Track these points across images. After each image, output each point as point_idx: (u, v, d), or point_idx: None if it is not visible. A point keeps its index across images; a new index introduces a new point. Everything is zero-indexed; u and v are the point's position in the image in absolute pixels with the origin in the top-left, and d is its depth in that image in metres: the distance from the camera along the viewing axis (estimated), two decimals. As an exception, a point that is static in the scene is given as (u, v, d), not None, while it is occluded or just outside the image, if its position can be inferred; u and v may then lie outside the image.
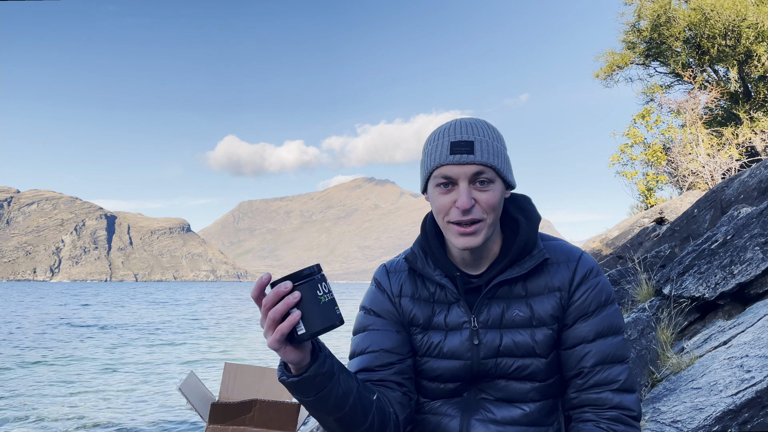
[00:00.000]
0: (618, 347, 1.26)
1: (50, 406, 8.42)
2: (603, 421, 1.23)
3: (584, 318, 1.27)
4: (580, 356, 1.26)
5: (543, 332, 1.26)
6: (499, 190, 1.23)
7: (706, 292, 3.71)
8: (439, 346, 1.30)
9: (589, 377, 1.25)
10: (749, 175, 5.53)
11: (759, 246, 3.64)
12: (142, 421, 7.56)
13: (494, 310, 1.28)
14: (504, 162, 1.24)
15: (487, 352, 1.28)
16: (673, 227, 6.17)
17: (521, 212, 1.32)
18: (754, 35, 12.87)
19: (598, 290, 1.28)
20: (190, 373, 1.73)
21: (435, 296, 1.32)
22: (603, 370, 1.25)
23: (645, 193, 13.52)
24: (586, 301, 1.26)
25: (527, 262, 1.26)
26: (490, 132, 1.24)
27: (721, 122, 13.70)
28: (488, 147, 1.21)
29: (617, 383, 1.24)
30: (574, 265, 1.28)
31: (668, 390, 2.85)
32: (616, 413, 1.23)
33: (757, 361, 2.44)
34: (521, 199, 1.35)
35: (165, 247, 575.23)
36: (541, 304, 1.27)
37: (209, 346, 16.95)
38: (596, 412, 1.24)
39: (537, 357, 1.27)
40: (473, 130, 1.22)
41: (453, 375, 1.30)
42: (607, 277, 1.34)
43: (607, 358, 1.25)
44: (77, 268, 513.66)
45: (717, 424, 2.16)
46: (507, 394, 1.29)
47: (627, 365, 1.27)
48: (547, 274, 1.28)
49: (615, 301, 1.30)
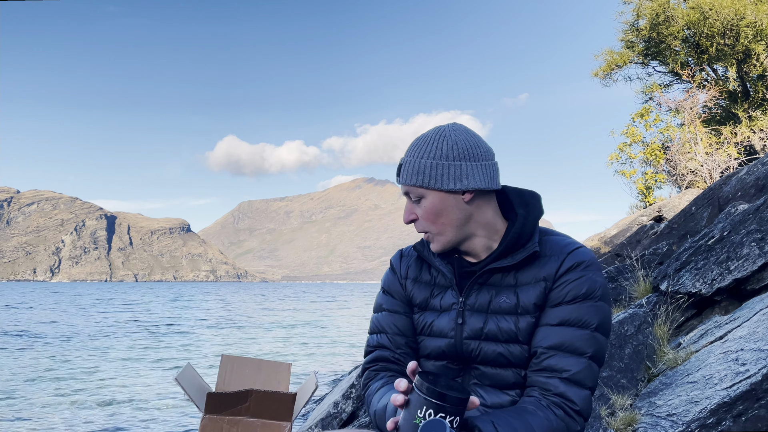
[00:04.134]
0: (579, 339, 1.26)
1: (38, 393, 8.44)
2: (545, 401, 1.25)
3: (558, 305, 1.29)
4: (541, 337, 1.29)
5: (527, 320, 1.31)
6: (431, 203, 1.33)
7: (702, 288, 3.73)
8: (431, 325, 1.41)
9: (542, 359, 1.28)
10: (747, 172, 5.54)
11: (755, 242, 3.66)
12: (138, 413, 7.57)
13: (483, 295, 1.35)
14: (432, 175, 1.31)
15: (470, 332, 1.35)
16: (671, 225, 6.19)
17: (525, 207, 1.37)
18: (753, 34, 12.89)
19: (580, 282, 1.29)
20: (186, 365, 1.74)
21: (435, 280, 1.43)
22: (556, 356, 1.26)
23: (644, 192, 13.54)
24: (564, 289, 1.29)
25: (518, 254, 1.33)
26: (425, 147, 1.33)
27: (720, 121, 13.73)
28: (412, 167, 1.33)
29: (567, 373, 1.25)
30: (563, 257, 1.32)
31: (664, 384, 2.87)
32: (559, 400, 1.25)
33: (752, 355, 2.45)
34: (528, 194, 1.40)
35: (165, 248, 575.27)
36: (527, 293, 1.31)
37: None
38: (542, 393, 1.27)
39: (520, 344, 1.31)
40: (409, 150, 1.35)
41: (439, 353, 1.39)
42: (603, 276, 1.33)
43: (563, 345, 1.26)
44: (77, 269, 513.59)
45: (712, 416, 2.17)
46: (495, 381, 1.34)
47: (586, 360, 1.26)
48: (538, 266, 1.33)
49: (600, 298, 1.29)
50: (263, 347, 16.44)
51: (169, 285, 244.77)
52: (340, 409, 4.93)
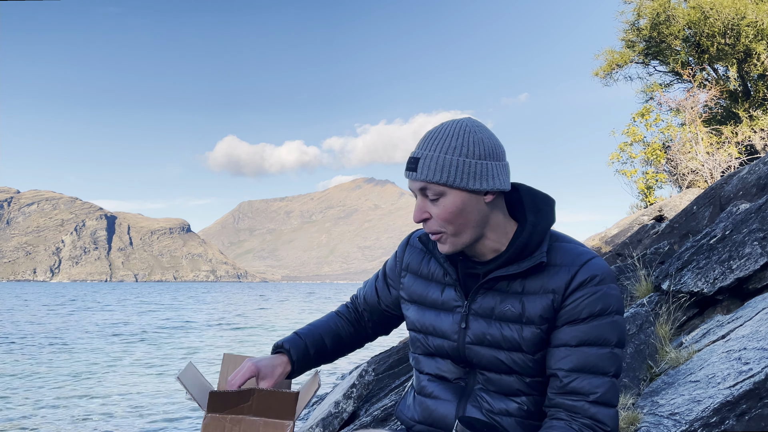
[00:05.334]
0: (601, 358, 1.24)
1: (41, 391, 8.44)
2: (576, 423, 1.23)
3: (573, 323, 1.26)
4: (559, 358, 1.26)
5: (531, 330, 1.27)
6: (453, 203, 1.25)
7: (704, 287, 3.72)
8: (432, 324, 1.39)
9: (566, 382, 1.24)
10: (748, 171, 5.53)
11: (757, 241, 3.65)
12: (142, 411, 7.57)
13: (488, 300, 1.32)
14: (458, 173, 1.24)
15: (472, 338, 1.32)
16: (672, 224, 6.18)
17: (536, 212, 1.32)
18: (754, 33, 12.88)
19: (595, 298, 1.24)
20: (188, 363, 1.74)
21: (434, 275, 1.41)
22: (581, 378, 1.24)
23: (644, 192, 13.53)
24: (578, 306, 1.25)
25: (525, 262, 1.28)
26: (449, 142, 1.25)
27: (721, 121, 13.72)
28: (434, 162, 1.24)
29: (594, 395, 1.23)
30: (576, 270, 1.27)
31: (666, 384, 2.86)
32: (590, 422, 1.23)
33: (755, 354, 2.44)
34: (542, 199, 1.35)
35: (165, 248, 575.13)
36: (533, 304, 1.27)
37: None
38: (570, 416, 1.24)
39: (523, 353, 1.28)
40: (427, 144, 1.27)
41: (443, 352, 1.37)
42: (617, 288, 1.29)
43: (586, 366, 1.24)
44: (77, 269, 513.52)
45: (715, 415, 2.16)
46: (500, 387, 1.32)
47: (610, 379, 1.24)
48: (547, 276, 1.28)
49: (615, 313, 1.26)
50: (265, 347, 16.43)
51: (168, 285, 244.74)
52: (341, 408, 4.92)
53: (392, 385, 5.49)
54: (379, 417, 4.42)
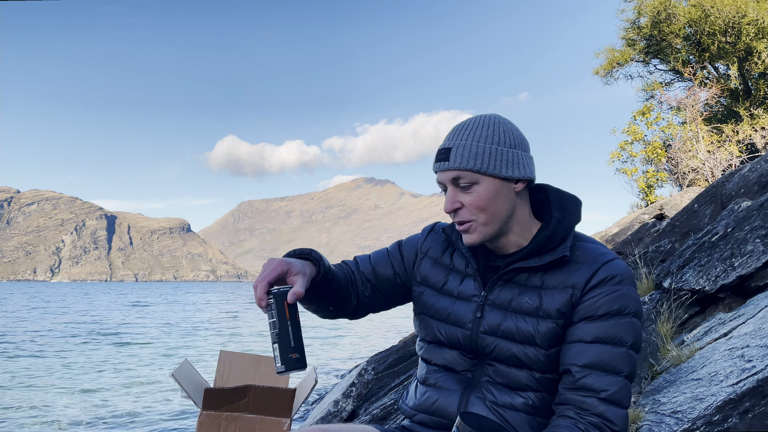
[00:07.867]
0: (616, 357, 1.23)
1: (44, 395, 8.42)
2: (583, 422, 1.21)
3: (590, 320, 1.25)
4: (574, 354, 1.25)
5: (547, 324, 1.27)
6: (486, 190, 1.27)
7: (706, 285, 3.69)
8: (447, 311, 1.38)
9: (578, 377, 1.23)
10: (749, 169, 5.51)
11: (760, 238, 3.62)
12: (137, 406, 7.55)
13: (506, 292, 1.32)
14: (491, 160, 1.26)
15: (486, 328, 1.32)
16: (674, 222, 6.16)
17: (562, 210, 1.34)
18: (755, 32, 12.86)
19: (613, 297, 1.25)
20: (183, 361, 1.71)
21: (454, 265, 1.41)
22: (593, 375, 1.23)
23: (645, 191, 13.51)
24: (595, 303, 1.25)
25: (547, 256, 1.29)
26: (480, 132, 1.28)
27: (721, 119, 13.70)
28: (467, 150, 1.27)
29: (606, 392, 1.22)
30: (597, 267, 1.27)
31: (668, 382, 2.84)
32: (598, 421, 1.21)
33: (758, 351, 2.42)
34: (569, 199, 1.37)
35: (165, 247, 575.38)
36: (552, 298, 1.28)
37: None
38: (579, 413, 1.23)
39: (536, 347, 1.28)
40: (457, 135, 1.30)
41: (455, 341, 1.36)
42: (636, 291, 1.29)
43: (599, 364, 1.23)
44: (77, 268, 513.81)
45: (718, 413, 2.14)
46: (508, 380, 1.31)
47: (623, 379, 1.23)
48: (567, 271, 1.29)
49: (633, 315, 1.26)
50: (263, 344, 16.41)
51: (168, 285, 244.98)
52: (340, 407, 4.90)
53: (392, 383, 5.47)
54: (379, 416, 4.40)
